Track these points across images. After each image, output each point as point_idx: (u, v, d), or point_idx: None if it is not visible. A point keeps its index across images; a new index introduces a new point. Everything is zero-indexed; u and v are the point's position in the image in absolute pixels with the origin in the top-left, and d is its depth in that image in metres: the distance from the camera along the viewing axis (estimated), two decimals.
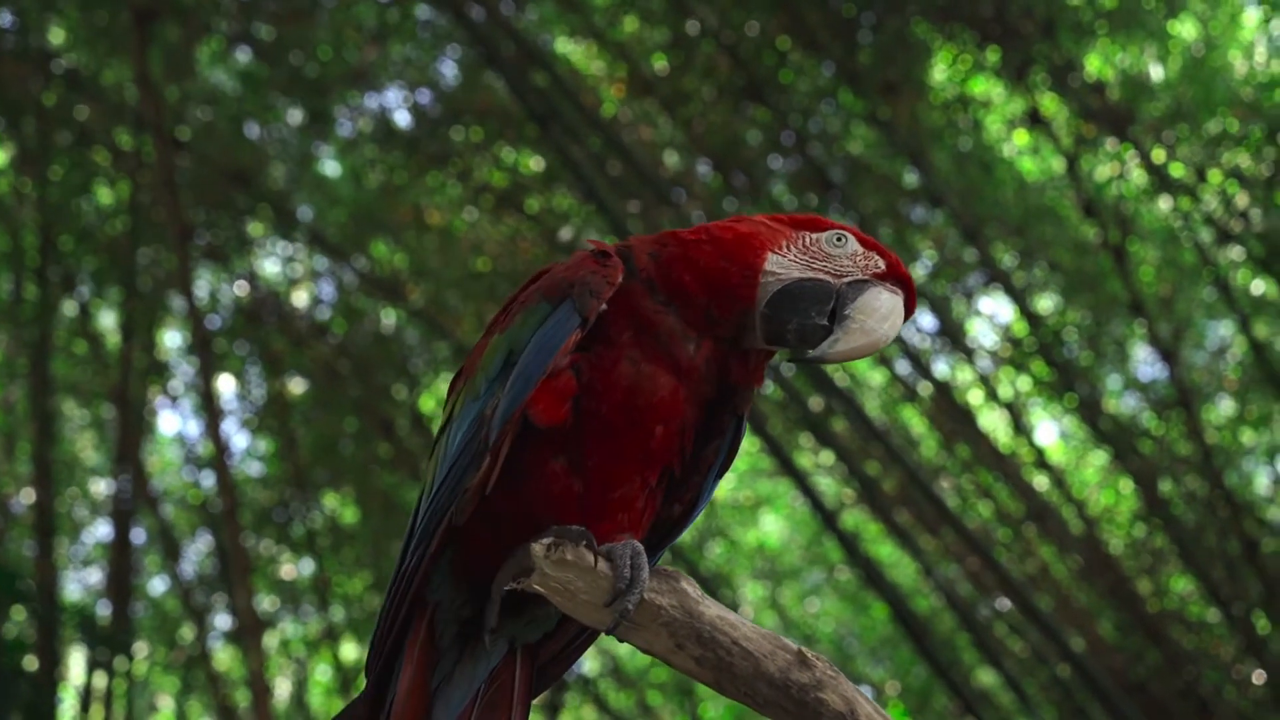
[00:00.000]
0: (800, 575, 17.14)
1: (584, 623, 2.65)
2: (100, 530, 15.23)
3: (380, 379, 13.91)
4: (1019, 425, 13.17)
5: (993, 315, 13.55)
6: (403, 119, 13.57)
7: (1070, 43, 11.54)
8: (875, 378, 13.78)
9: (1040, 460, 13.22)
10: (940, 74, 12.18)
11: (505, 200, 13.28)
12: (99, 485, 15.45)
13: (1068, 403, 12.70)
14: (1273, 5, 11.44)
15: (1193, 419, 12.49)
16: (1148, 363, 13.55)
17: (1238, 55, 12.09)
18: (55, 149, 13.04)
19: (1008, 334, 13.20)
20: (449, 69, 13.38)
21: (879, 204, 12.28)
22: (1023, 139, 12.58)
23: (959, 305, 13.02)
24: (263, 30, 13.06)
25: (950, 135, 12.32)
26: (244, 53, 13.40)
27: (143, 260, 13.30)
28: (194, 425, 15.07)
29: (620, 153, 11.22)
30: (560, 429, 2.67)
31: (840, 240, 2.73)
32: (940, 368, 13.50)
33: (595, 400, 2.68)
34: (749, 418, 2.92)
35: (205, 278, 14.10)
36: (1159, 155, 11.81)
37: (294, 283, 14.74)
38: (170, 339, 14.94)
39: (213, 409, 13.03)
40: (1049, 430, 14.70)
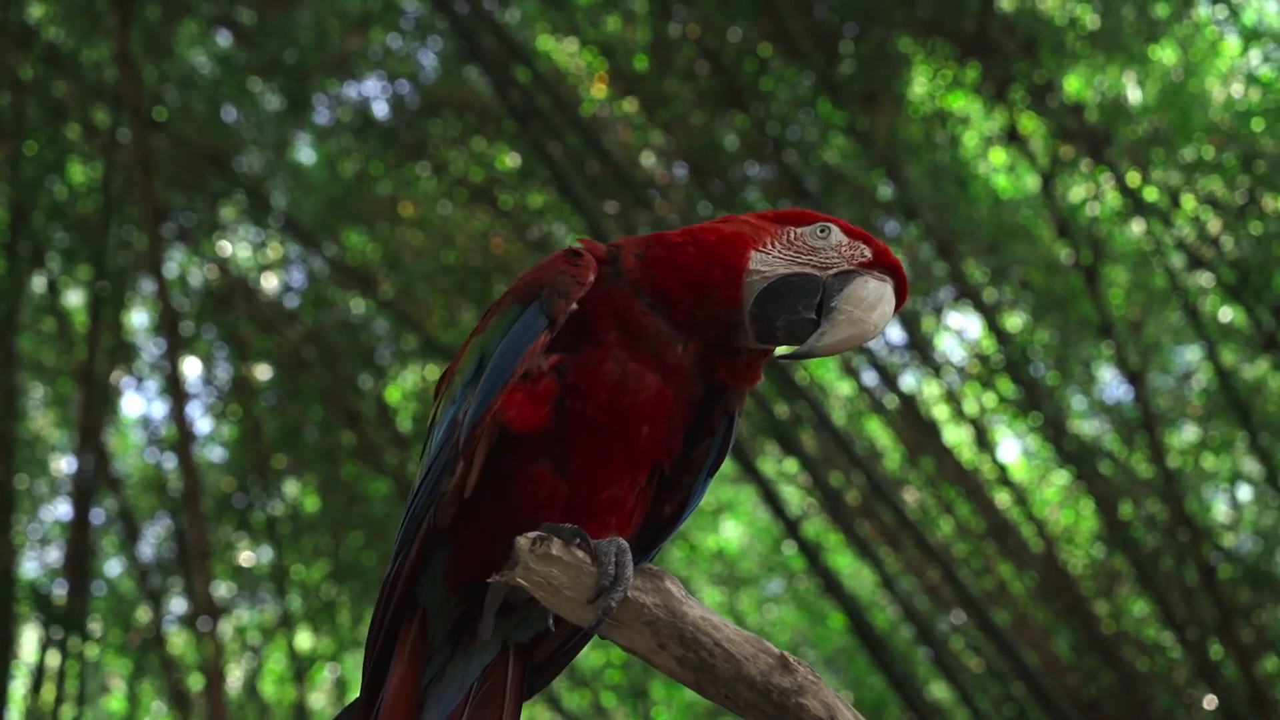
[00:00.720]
0: (758, 582, 17.15)
1: (566, 619, 2.62)
2: (60, 509, 15.15)
3: (347, 368, 13.86)
4: (983, 441, 13.20)
5: (961, 331, 13.57)
6: (381, 109, 13.54)
7: (1051, 63, 11.57)
8: (843, 388, 13.81)
9: (1003, 477, 13.26)
10: (920, 88, 12.20)
11: (480, 195, 13.27)
12: (60, 463, 15.36)
13: (1032, 421, 12.74)
14: (1252, 35, 11.49)
15: (1155, 443, 12.55)
16: (1113, 385, 13.60)
17: (1216, 83, 12.14)
18: (30, 124, 12.95)
19: (975, 350, 13.23)
20: (429, 61, 13.36)
21: (853, 215, 12.25)
22: (999, 157, 12.61)
23: (928, 319, 13.03)
24: (244, 14, 13.01)
25: (927, 149, 12.34)
26: (224, 37, 13.35)
27: (114, 240, 13.21)
28: (158, 407, 15.01)
29: (598, 152, 11.21)
30: (542, 433, 2.67)
31: (824, 232, 2.72)
32: (907, 381, 13.53)
33: (580, 401, 2.68)
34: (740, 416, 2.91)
35: (175, 260, 14.03)
36: (1134, 179, 11.86)
37: (265, 268, 14.67)
38: (138, 319, 14.86)
39: (178, 392, 12.98)
40: (1012, 448, 14.75)
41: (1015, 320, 13.13)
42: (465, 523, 2.73)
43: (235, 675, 15.04)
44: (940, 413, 13.51)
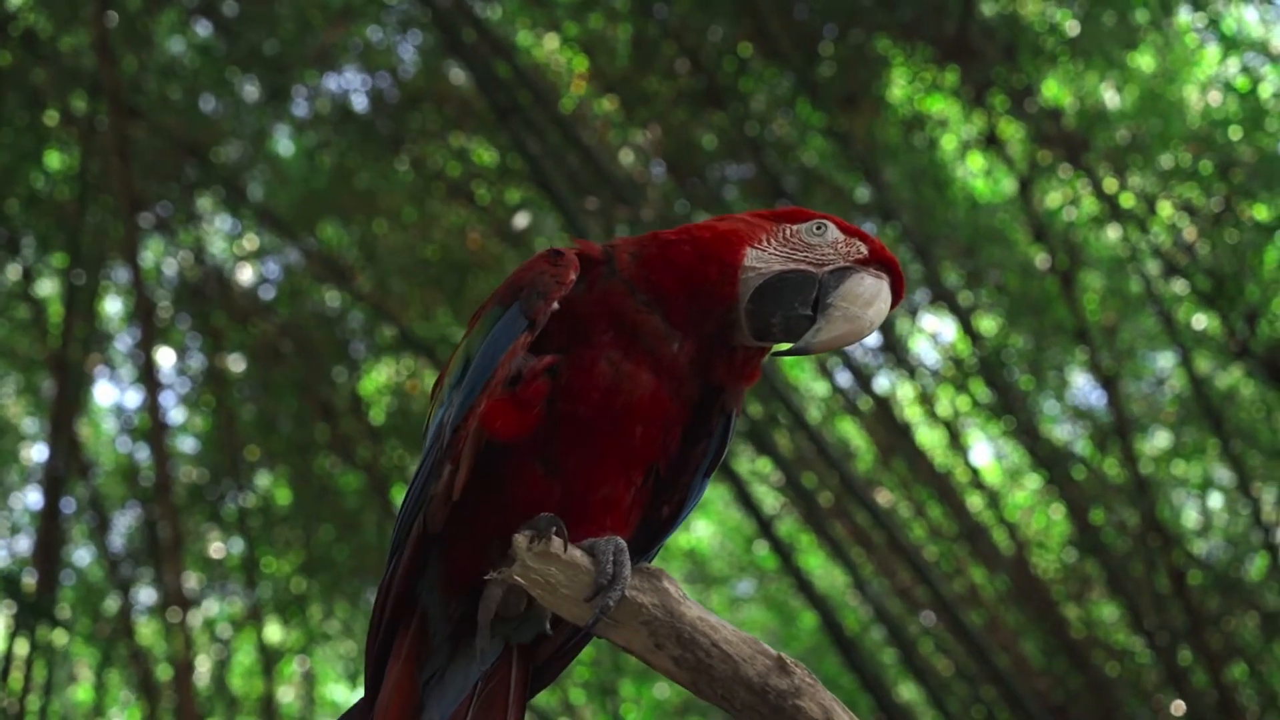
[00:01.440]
0: (729, 582, 17.16)
1: (563, 617, 2.62)
2: (30, 497, 15.08)
3: (321, 361, 13.82)
4: (956, 444, 13.23)
5: (936, 333, 13.59)
6: (360, 103, 13.50)
7: (1030, 67, 11.60)
8: (818, 389, 13.82)
9: (975, 480, 13.28)
10: (899, 90, 12.21)
11: (457, 190, 13.25)
12: (31, 452, 15.30)
13: (1005, 425, 12.76)
14: (1231, 43, 11.53)
15: (1128, 449, 12.58)
16: (1087, 390, 13.64)
17: (1194, 90, 12.19)
18: (8, 111, 12.87)
19: (950, 353, 13.25)
20: (410, 54, 13.33)
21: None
22: (977, 161, 12.63)
23: (903, 321, 13.04)
24: (225, 4, 12.96)
25: (906, 152, 12.35)
26: (204, 27, 13.30)
27: (89, 228, 13.15)
28: (132, 396, 14.94)
29: (578, 149, 11.19)
30: (533, 435, 2.67)
31: (820, 229, 2.72)
32: (881, 382, 13.54)
33: (573, 402, 2.67)
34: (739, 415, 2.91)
35: (151, 249, 13.97)
36: (1111, 185, 11.89)
37: (240, 259, 14.62)
38: (112, 308, 14.79)
39: (152, 382, 12.93)
40: (985, 451, 14.78)
41: (990, 324, 13.15)
42: (460, 526, 2.73)
43: (203, 667, 14.99)
44: (914, 415, 13.53)
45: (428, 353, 12.63)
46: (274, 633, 14.98)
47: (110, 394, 16.85)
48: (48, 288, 14.25)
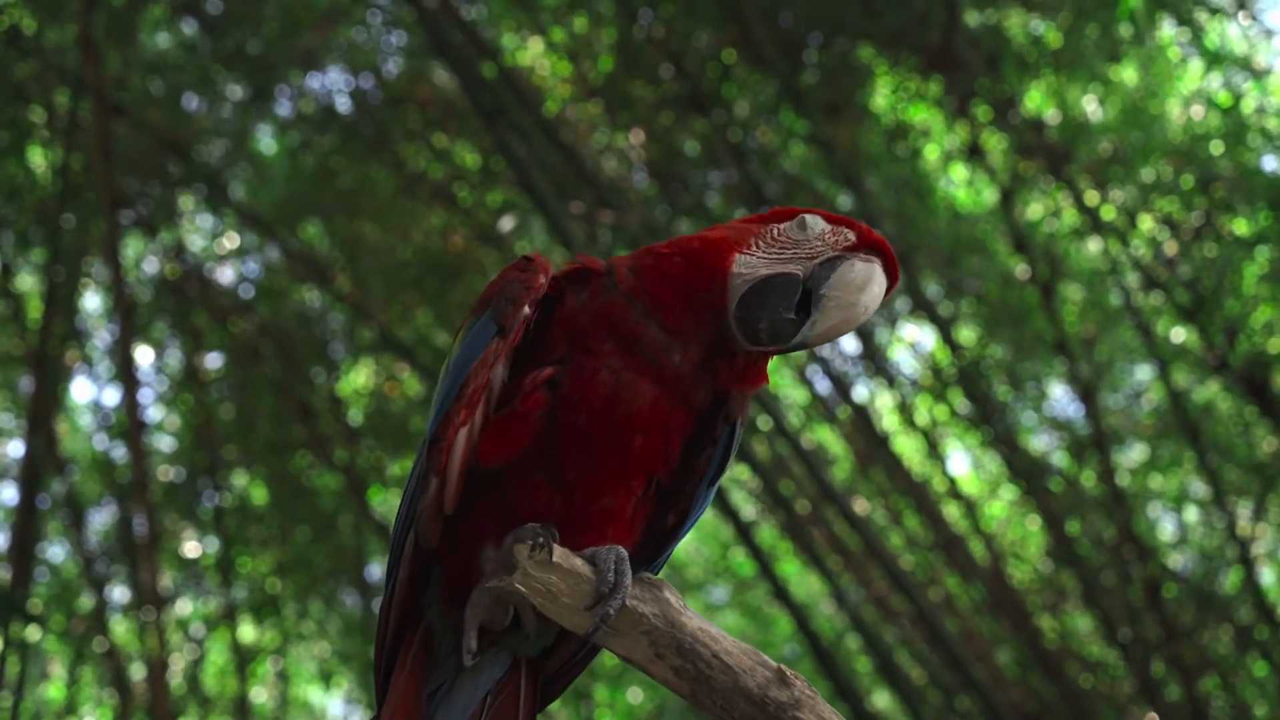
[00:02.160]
0: (705, 588, 17.15)
1: (563, 626, 2.62)
2: (6, 493, 15.02)
3: (300, 361, 13.80)
4: (933, 454, 13.25)
5: (915, 343, 13.60)
6: (344, 103, 13.48)
7: (1013, 79, 11.63)
8: (797, 396, 13.83)
9: (952, 490, 13.30)
10: (883, 99, 12.24)
11: (439, 192, 13.24)
12: (7, 447, 15.25)
13: (983, 435, 12.79)
14: (1214, 58, 11.57)
15: (1105, 461, 12.62)
16: (1065, 401, 13.67)
17: (1176, 104, 12.24)
18: None
19: (929, 362, 13.27)
20: (394, 55, 13.32)
21: None
22: (959, 171, 12.66)
23: (883, 330, 13.06)
24: (209, 1, 12.94)
25: (888, 161, 12.37)
26: (189, 24, 13.27)
27: (69, 224, 13.10)
28: (110, 394, 14.89)
29: (562, 152, 11.19)
30: (529, 449, 2.68)
31: (806, 223, 2.71)
32: (860, 391, 13.56)
33: (573, 412, 2.67)
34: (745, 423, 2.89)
35: (131, 247, 13.93)
36: (1092, 197, 11.93)
37: (221, 258, 14.59)
38: (91, 305, 14.75)
39: (130, 380, 12.90)
40: (962, 461, 14.80)
41: (969, 334, 13.17)
42: (460, 538, 2.73)
43: (176, 665, 14.94)
44: (892, 424, 13.55)
45: (407, 354, 12.62)
46: (248, 632, 14.93)
47: (88, 391, 16.79)
48: (27, 283, 14.20)
